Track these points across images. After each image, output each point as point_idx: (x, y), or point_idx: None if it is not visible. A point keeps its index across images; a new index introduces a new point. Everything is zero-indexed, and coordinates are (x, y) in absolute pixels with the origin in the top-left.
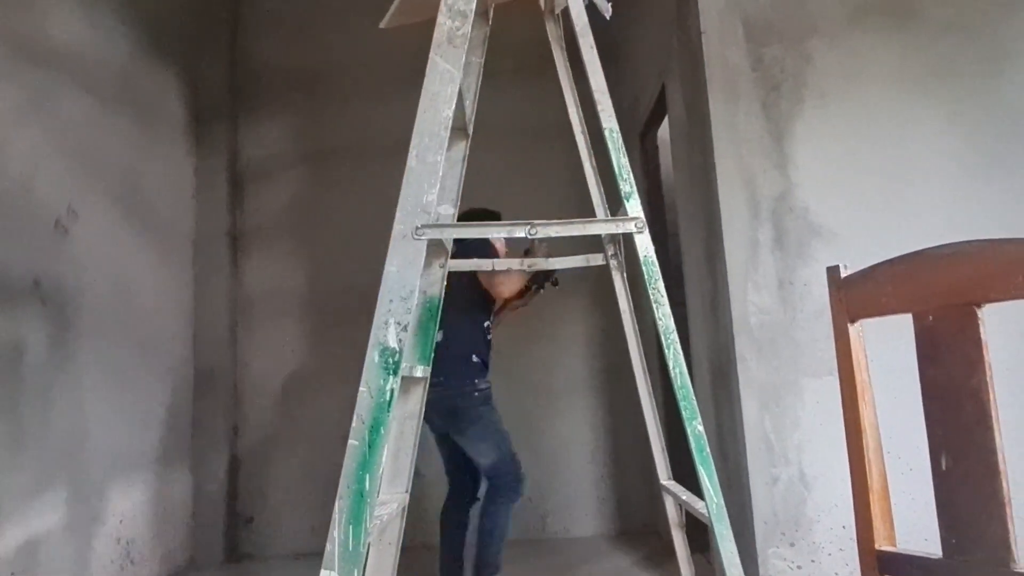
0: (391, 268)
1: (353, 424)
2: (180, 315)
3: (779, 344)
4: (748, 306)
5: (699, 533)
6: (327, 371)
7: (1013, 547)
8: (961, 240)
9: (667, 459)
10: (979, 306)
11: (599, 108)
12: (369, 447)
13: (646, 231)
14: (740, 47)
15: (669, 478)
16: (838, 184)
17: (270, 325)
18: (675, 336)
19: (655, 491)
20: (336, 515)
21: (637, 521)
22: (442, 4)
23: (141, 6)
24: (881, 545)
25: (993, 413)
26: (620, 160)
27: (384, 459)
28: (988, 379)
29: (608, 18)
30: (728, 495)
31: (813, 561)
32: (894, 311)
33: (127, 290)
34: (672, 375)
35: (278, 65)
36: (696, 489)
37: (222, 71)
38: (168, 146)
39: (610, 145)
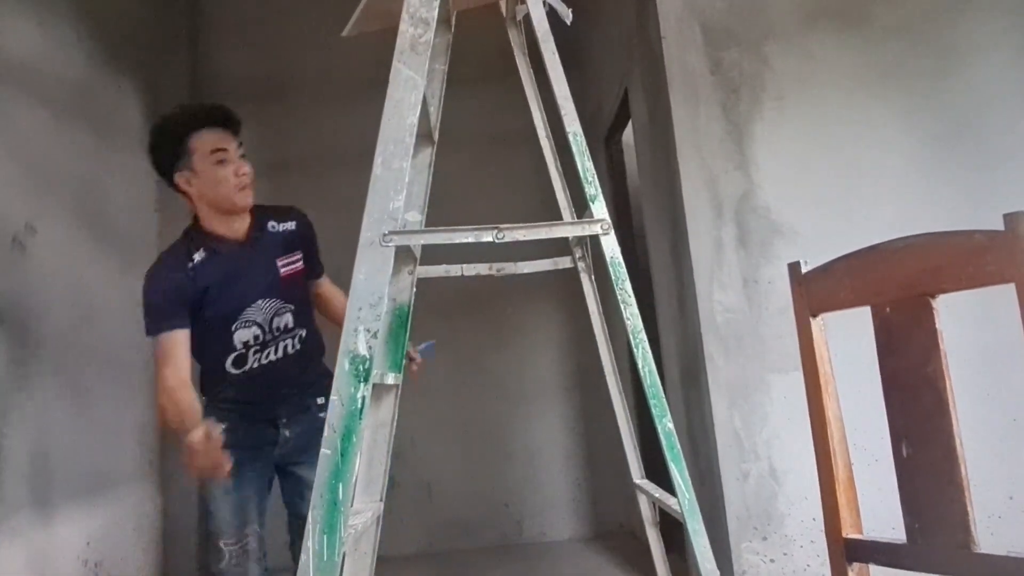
0: (359, 276)
1: (325, 433)
2: None
3: (746, 341)
4: (714, 305)
5: (675, 533)
6: None
7: (972, 529)
8: (914, 234)
9: (640, 458)
10: (933, 297)
11: (563, 113)
12: (342, 456)
13: (612, 233)
14: (699, 51)
15: (643, 477)
16: (798, 183)
17: None
18: (643, 336)
19: (630, 492)
20: (310, 525)
21: (613, 522)
22: (404, 12)
23: (98, 17)
24: (848, 533)
25: (950, 400)
26: (585, 164)
27: (357, 468)
28: (944, 367)
29: (569, 24)
30: (700, 492)
31: (785, 554)
32: (853, 304)
33: (89, 306)
34: (641, 374)
35: (239, 75)
36: (669, 487)
37: (182, 81)
38: (128, 158)
39: (574, 149)
